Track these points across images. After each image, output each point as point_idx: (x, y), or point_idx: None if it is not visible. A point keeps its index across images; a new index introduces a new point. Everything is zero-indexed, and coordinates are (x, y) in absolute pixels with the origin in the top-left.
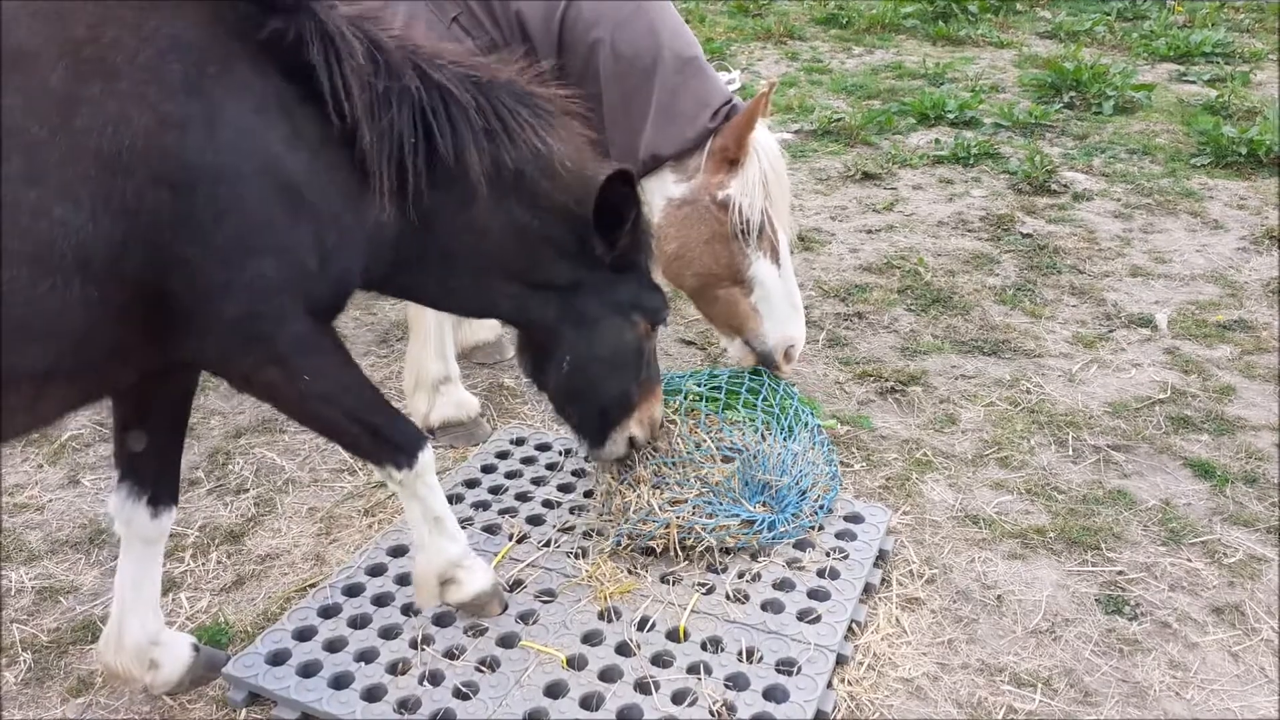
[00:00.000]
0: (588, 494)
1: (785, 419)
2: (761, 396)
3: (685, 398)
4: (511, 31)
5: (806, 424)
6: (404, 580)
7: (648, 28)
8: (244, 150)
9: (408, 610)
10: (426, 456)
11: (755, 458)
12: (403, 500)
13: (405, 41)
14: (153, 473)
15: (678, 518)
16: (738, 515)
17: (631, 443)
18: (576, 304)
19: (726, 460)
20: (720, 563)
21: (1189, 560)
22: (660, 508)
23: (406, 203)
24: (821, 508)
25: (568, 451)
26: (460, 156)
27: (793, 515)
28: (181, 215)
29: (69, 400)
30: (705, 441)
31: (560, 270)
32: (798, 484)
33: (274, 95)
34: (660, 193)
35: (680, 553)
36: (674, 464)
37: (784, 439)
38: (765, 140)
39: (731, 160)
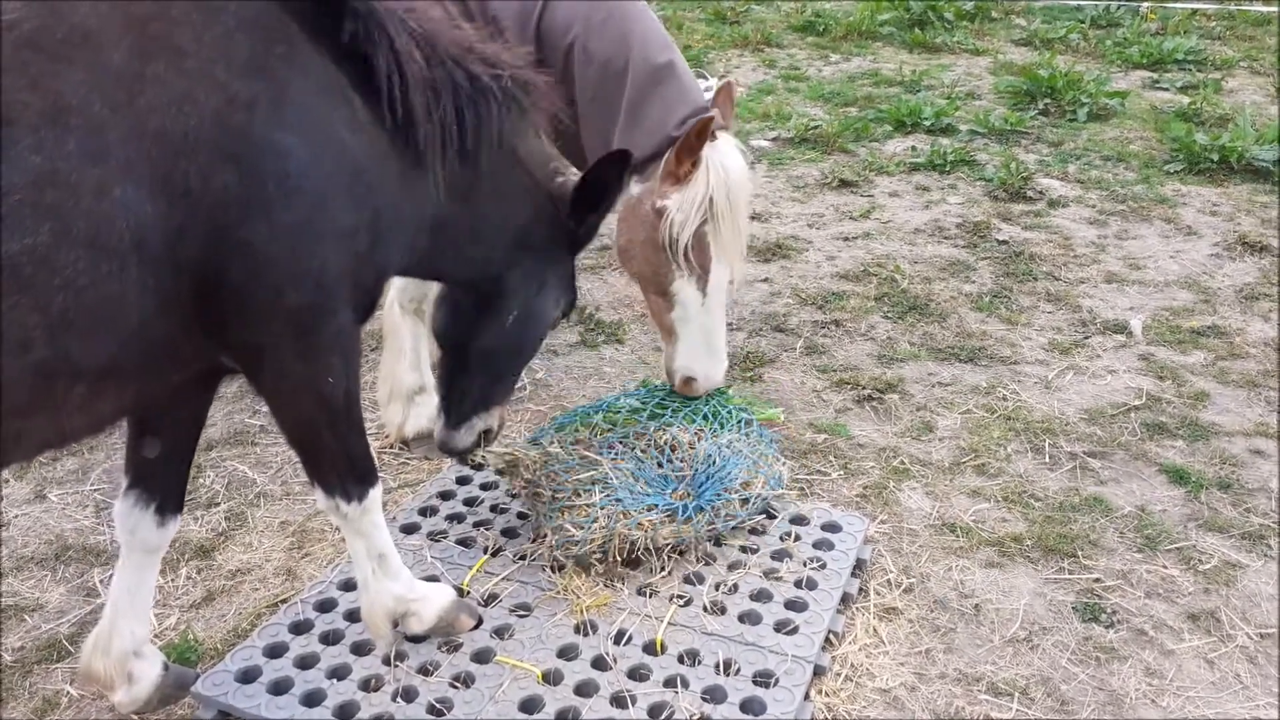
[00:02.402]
0: None
1: (706, 416)
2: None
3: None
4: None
5: (739, 421)
6: None
7: (620, 33)
8: (311, 129)
9: None
10: (376, 493)
11: (650, 447)
12: (346, 536)
13: (431, 31)
14: (162, 481)
15: (596, 524)
16: (655, 505)
17: (484, 436)
18: (537, 268)
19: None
20: (695, 572)
21: (1164, 567)
22: (574, 525)
23: (451, 186)
24: (761, 498)
25: None
26: (493, 139)
27: (713, 499)
28: (246, 196)
29: (123, 403)
30: (582, 448)
31: (540, 236)
32: (719, 471)
33: (333, 78)
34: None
35: (616, 560)
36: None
37: (710, 433)
38: (731, 164)
39: (676, 175)
